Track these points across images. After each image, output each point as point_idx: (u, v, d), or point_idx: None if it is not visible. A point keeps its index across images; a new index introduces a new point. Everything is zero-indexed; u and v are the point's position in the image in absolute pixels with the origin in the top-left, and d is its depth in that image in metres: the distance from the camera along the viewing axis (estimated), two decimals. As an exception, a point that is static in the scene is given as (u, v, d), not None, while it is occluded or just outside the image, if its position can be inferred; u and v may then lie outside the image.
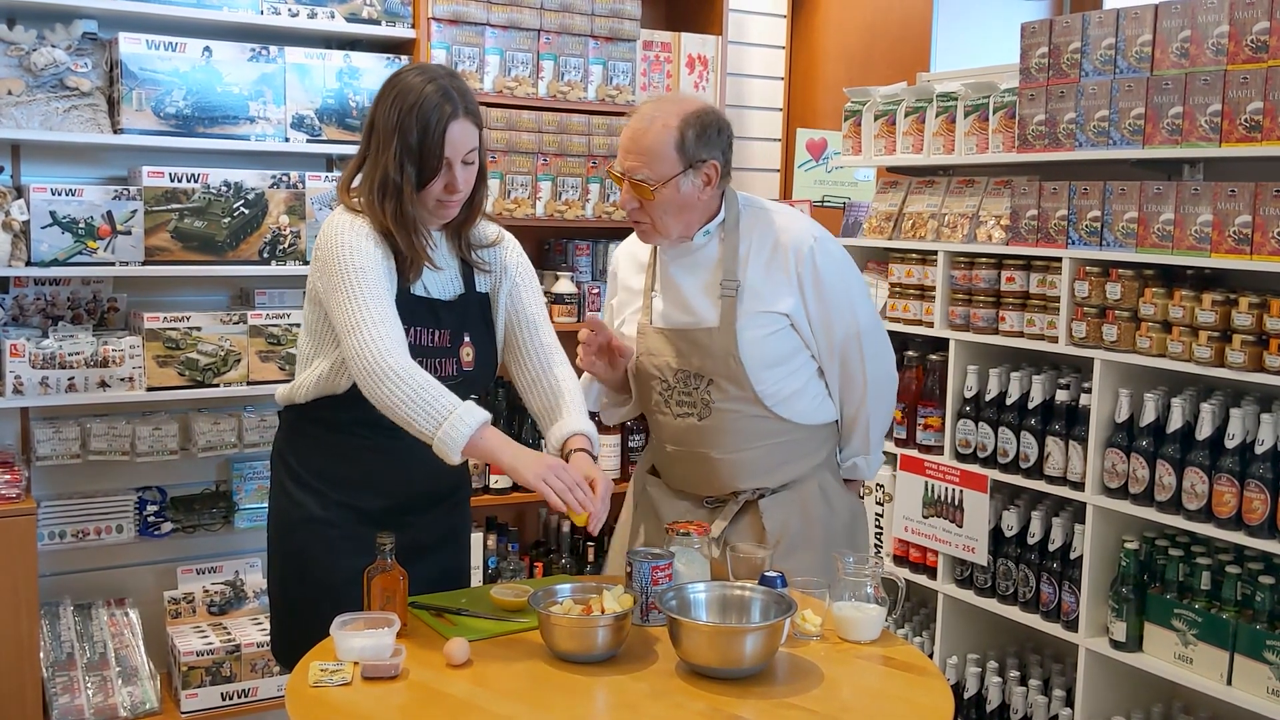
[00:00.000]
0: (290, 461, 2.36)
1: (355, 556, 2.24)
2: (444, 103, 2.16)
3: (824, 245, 2.42)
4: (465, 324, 2.33)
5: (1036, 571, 3.04)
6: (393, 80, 2.22)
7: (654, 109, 2.33)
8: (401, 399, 2.06)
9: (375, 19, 3.57)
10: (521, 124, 3.79)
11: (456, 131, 2.17)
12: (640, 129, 2.31)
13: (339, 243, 2.17)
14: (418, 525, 2.34)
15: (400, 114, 2.16)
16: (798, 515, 2.45)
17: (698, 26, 4.26)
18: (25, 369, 3.17)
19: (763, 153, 4.76)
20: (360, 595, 2.19)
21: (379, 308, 2.11)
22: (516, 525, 4.11)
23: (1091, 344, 2.88)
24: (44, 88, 3.18)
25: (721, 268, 2.41)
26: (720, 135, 2.36)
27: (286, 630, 2.39)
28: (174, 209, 3.31)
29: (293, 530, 2.35)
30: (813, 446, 2.49)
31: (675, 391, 2.46)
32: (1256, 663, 2.56)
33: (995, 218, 3.18)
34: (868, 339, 2.46)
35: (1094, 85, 2.90)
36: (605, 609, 2.06)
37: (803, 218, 2.49)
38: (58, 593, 3.45)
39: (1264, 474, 2.53)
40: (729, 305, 2.39)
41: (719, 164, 2.36)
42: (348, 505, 2.31)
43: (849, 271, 2.47)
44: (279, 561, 2.40)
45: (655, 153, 2.29)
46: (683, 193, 2.33)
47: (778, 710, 1.88)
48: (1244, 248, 2.58)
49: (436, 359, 2.27)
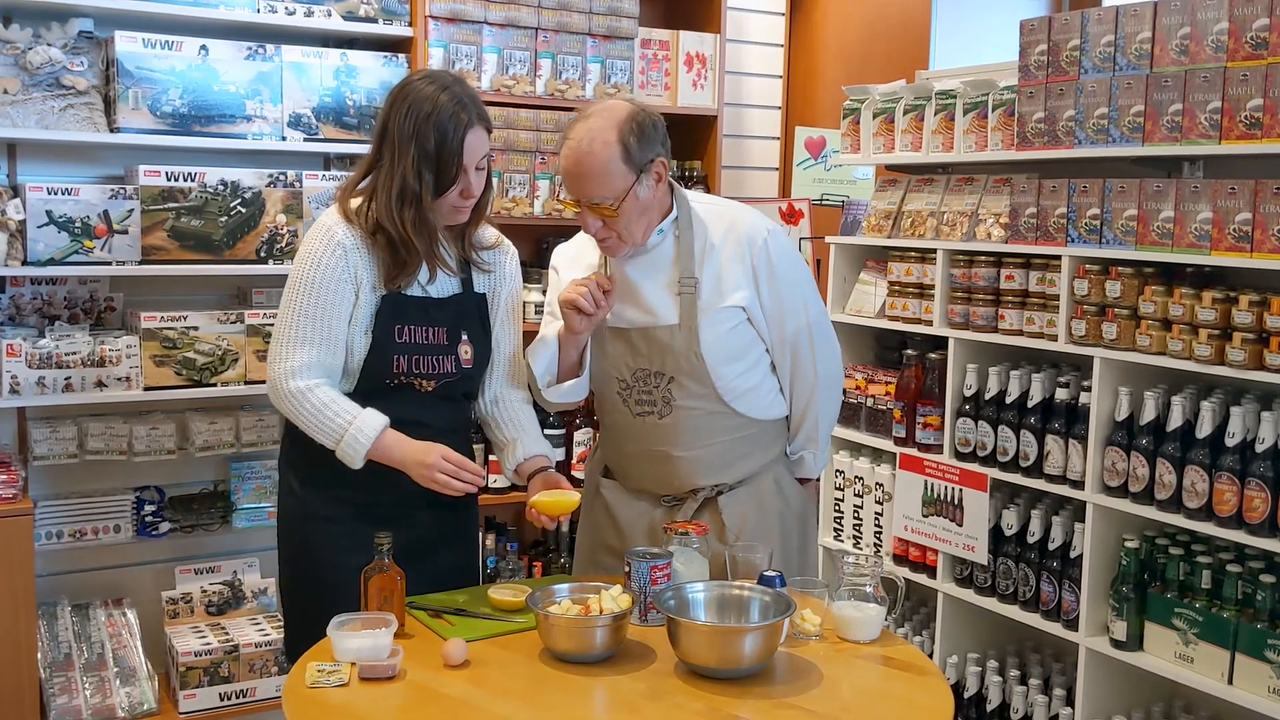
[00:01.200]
0: (295, 460, 2.39)
1: (362, 553, 2.25)
2: (460, 111, 2.22)
3: (777, 237, 2.46)
4: (462, 322, 2.36)
5: (1036, 570, 3.03)
6: (404, 89, 2.27)
7: (586, 128, 2.28)
8: (301, 418, 2.23)
9: (372, 17, 3.57)
10: (519, 122, 3.79)
11: (473, 139, 2.25)
12: (581, 153, 2.27)
13: (305, 251, 2.28)
14: (424, 521, 2.35)
15: (417, 122, 2.21)
16: (755, 509, 2.49)
17: (696, 24, 4.26)
18: (22, 369, 3.16)
19: (761, 151, 4.75)
20: (353, 591, 2.20)
21: (305, 327, 2.24)
22: (515, 525, 4.11)
23: (1091, 342, 2.88)
24: (40, 86, 3.17)
25: (678, 265, 2.41)
26: (657, 130, 2.35)
27: (299, 631, 2.38)
28: (171, 208, 3.30)
29: (299, 528, 2.37)
30: (769, 440, 2.52)
31: (634, 390, 2.47)
32: (1257, 662, 2.56)
33: (994, 216, 3.17)
34: (818, 332, 2.50)
35: (1093, 83, 2.89)
36: (603, 609, 2.06)
37: (754, 211, 2.51)
38: (55, 593, 3.45)
39: (1264, 472, 2.53)
40: (688, 302, 2.39)
41: (665, 158, 2.36)
42: (353, 502, 2.33)
43: (800, 265, 2.52)
44: (288, 561, 2.42)
45: (605, 172, 2.27)
46: (642, 199, 2.33)
47: (777, 710, 1.87)
48: (1244, 245, 2.57)
49: (434, 356, 2.29)
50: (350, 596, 2.22)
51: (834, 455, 3.64)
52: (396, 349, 2.28)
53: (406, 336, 2.27)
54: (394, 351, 2.27)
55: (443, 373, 2.31)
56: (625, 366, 2.46)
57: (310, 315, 2.24)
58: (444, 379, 2.31)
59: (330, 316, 2.25)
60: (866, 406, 3.52)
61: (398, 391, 2.30)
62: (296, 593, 2.42)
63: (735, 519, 2.46)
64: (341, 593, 2.26)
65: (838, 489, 3.63)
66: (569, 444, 3.94)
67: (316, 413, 2.22)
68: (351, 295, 2.26)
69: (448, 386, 2.35)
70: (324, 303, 2.24)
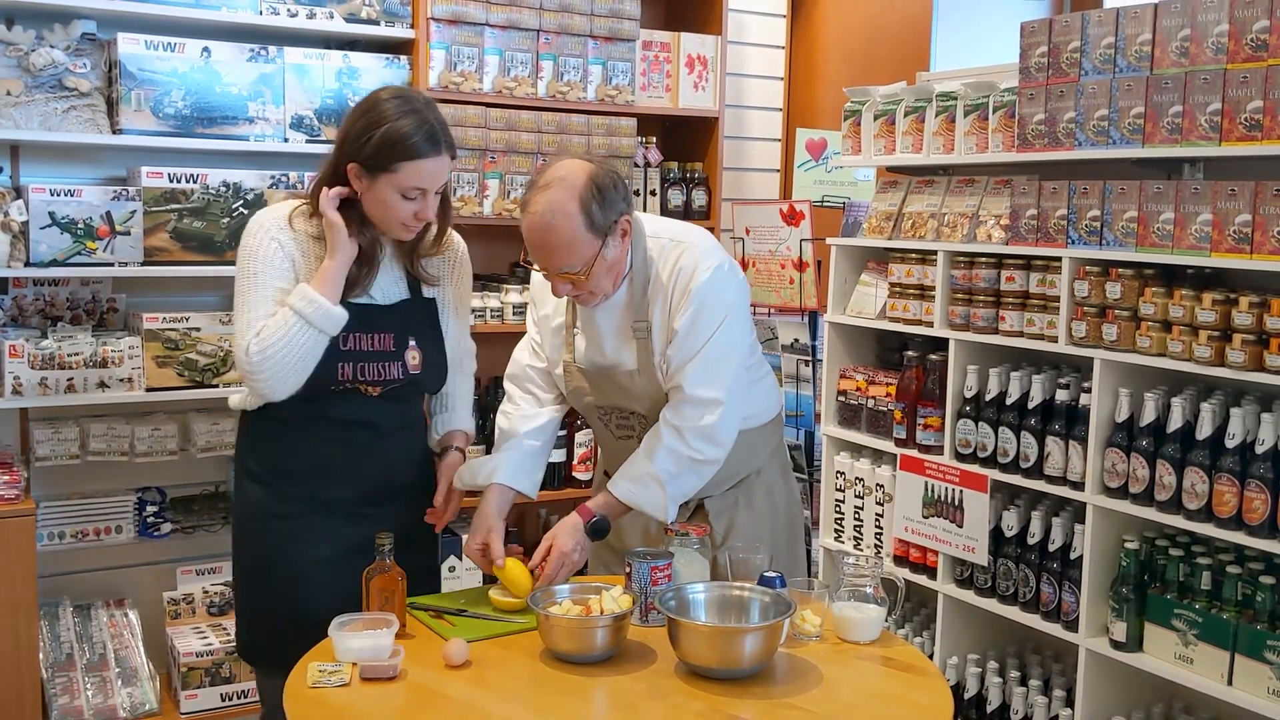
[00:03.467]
0: (246, 459, 2.39)
1: (313, 546, 2.28)
2: (416, 134, 2.20)
3: (712, 274, 2.32)
4: (409, 328, 2.35)
5: (1036, 571, 3.04)
6: (371, 108, 2.24)
7: (546, 200, 2.20)
8: (278, 364, 2.19)
9: (374, 19, 3.57)
10: (521, 124, 3.79)
11: (433, 166, 2.23)
12: (543, 227, 2.20)
13: (241, 249, 2.28)
14: (377, 518, 2.34)
15: (378, 145, 2.19)
16: (744, 511, 2.50)
17: (697, 26, 4.26)
18: (24, 370, 3.16)
19: (762, 153, 4.76)
20: (321, 586, 2.23)
21: (260, 307, 2.22)
22: (517, 526, 4.11)
23: (1091, 343, 2.88)
24: (43, 88, 3.18)
25: (631, 309, 2.38)
26: (618, 188, 2.27)
27: (253, 628, 2.40)
28: (173, 209, 3.31)
29: (251, 526, 2.37)
30: (756, 444, 2.52)
31: (612, 417, 2.50)
32: (1257, 663, 2.56)
33: (995, 217, 3.17)
34: (692, 373, 2.32)
35: (1094, 84, 2.89)
36: (604, 609, 2.06)
37: (702, 245, 2.38)
38: (57, 593, 3.45)
39: (1264, 474, 2.53)
40: (644, 347, 2.38)
41: (628, 214, 2.29)
42: (303, 498, 2.33)
43: (715, 306, 2.33)
44: (242, 559, 2.42)
45: (570, 244, 2.21)
46: (610, 258, 2.28)
47: (777, 710, 1.88)
48: (1244, 247, 2.58)
49: (379, 363, 2.29)
50: (313, 595, 2.24)
51: (834, 456, 3.64)
52: (341, 356, 2.26)
53: (351, 344, 2.26)
54: (339, 359, 2.25)
55: (388, 379, 2.31)
56: (593, 406, 2.49)
57: (260, 300, 2.23)
58: (389, 384, 2.31)
59: (278, 295, 2.24)
60: (867, 408, 3.52)
61: (343, 395, 2.29)
62: (255, 593, 2.40)
63: (723, 522, 2.47)
64: (302, 593, 2.27)
65: (838, 490, 3.63)
66: (570, 445, 3.95)
67: (275, 344, 2.17)
68: (292, 279, 2.25)
69: (394, 391, 2.35)
70: (270, 287, 2.23)
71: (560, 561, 2.28)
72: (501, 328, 3.81)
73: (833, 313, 3.62)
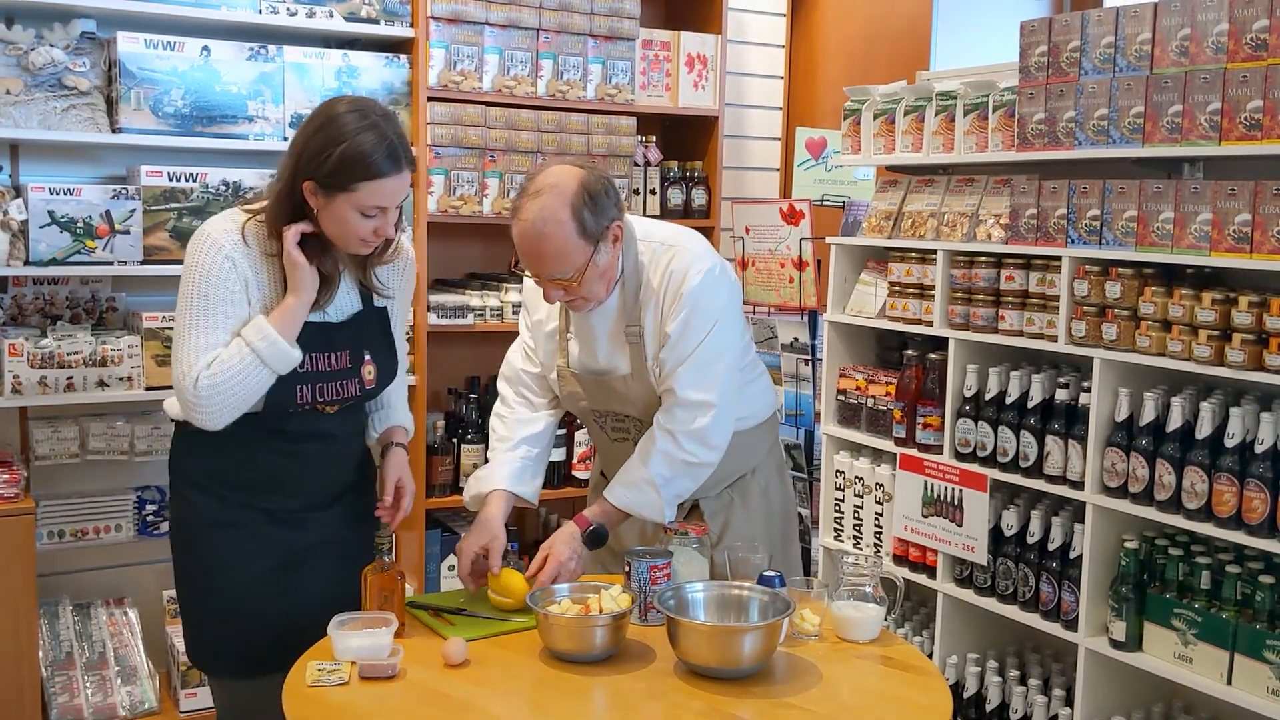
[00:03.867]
0: (186, 466, 2.31)
1: (257, 554, 2.25)
2: (376, 153, 2.10)
3: (702, 277, 2.32)
4: (363, 342, 2.29)
5: (1036, 571, 3.04)
6: (330, 120, 2.13)
7: (538, 208, 2.19)
8: (229, 387, 2.09)
9: (374, 18, 3.57)
10: (521, 123, 3.79)
11: (392, 185, 2.14)
12: (534, 235, 2.19)
13: (190, 263, 2.15)
14: (321, 523, 2.31)
15: (337, 161, 2.09)
16: (740, 510, 2.51)
17: (697, 25, 4.26)
18: (24, 368, 3.16)
19: (762, 152, 4.76)
20: (267, 593, 2.21)
21: (206, 335, 2.11)
22: (516, 525, 4.11)
23: (1091, 343, 2.88)
24: (42, 87, 3.18)
25: (624, 314, 2.37)
26: (609, 194, 2.26)
27: (202, 635, 2.34)
28: (172, 208, 3.31)
29: (194, 534, 2.29)
30: (751, 444, 2.53)
31: (608, 420, 2.50)
32: (1256, 662, 2.56)
33: (994, 216, 3.17)
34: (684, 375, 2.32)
35: (1093, 84, 2.89)
36: (603, 609, 2.06)
37: (694, 249, 2.38)
38: (56, 592, 3.45)
39: (1264, 473, 2.53)
40: (637, 352, 2.38)
41: (619, 219, 2.29)
42: (246, 505, 2.26)
43: (707, 311, 2.33)
44: (186, 567, 2.34)
45: (562, 251, 2.20)
46: (602, 264, 2.27)
47: (776, 710, 1.88)
48: (1244, 246, 2.58)
49: (337, 382, 2.24)
50: (248, 597, 2.21)
51: (834, 455, 3.64)
52: (299, 379, 2.18)
53: (309, 365, 2.18)
54: (296, 382, 2.18)
55: (345, 397, 2.25)
56: (589, 409, 2.49)
57: (209, 326, 2.11)
58: (345, 402, 2.27)
59: (229, 323, 2.14)
60: (867, 407, 3.52)
61: (300, 415, 2.23)
62: (195, 598, 2.33)
63: (718, 521, 2.48)
64: (238, 594, 2.24)
65: (838, 489, 3.63)
66: (569, 444, 3.95)
67: (224, 382, 2.08)
68: (244, 299, 2.15)
69: (351, 409, 2.32)
70: (221, 312, 2.12)
71: (556, 569, 2.27)
72: (501, 327, 3.81)
73: (832, 312, 3.62)
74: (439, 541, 3.83)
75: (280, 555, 2.26)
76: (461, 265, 4.12)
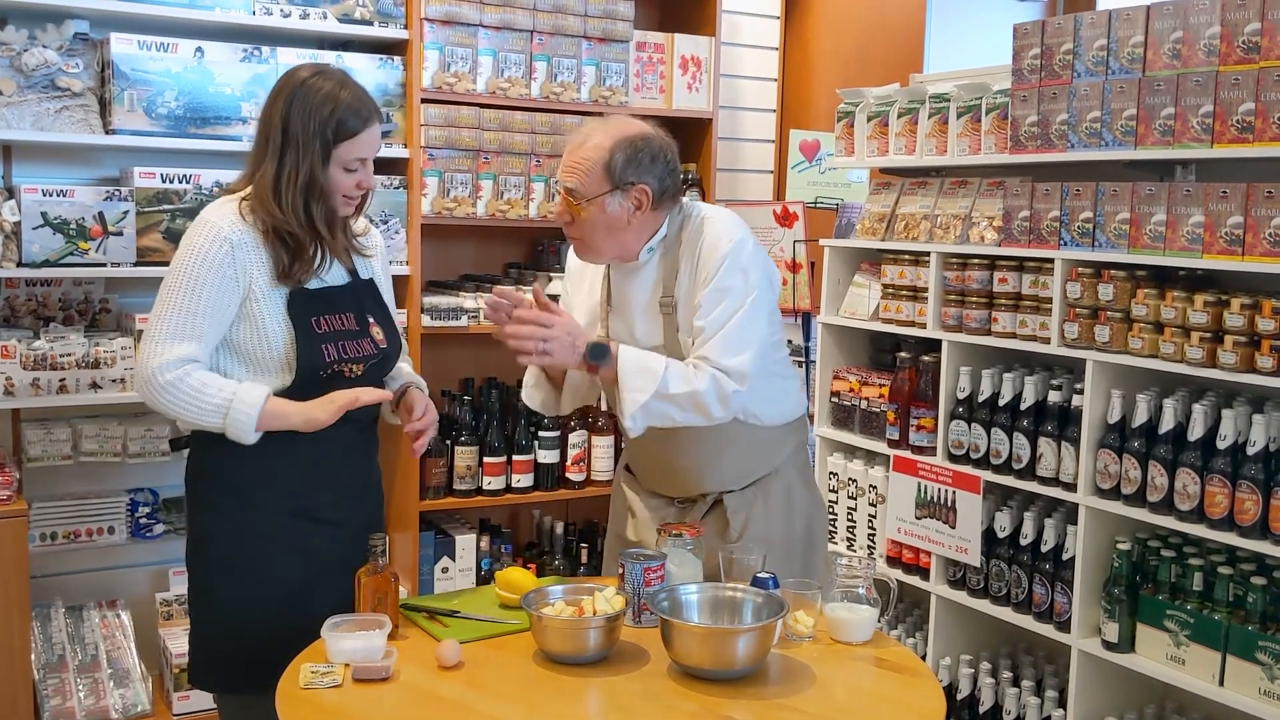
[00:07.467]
0: (220, 472, 2.27)
1: (290, 567, 2.25)
2: (361, 108, 2.24)
3: (734, 245, 2.33)
4: (364, 306, 2.36)
5: (1029, 572, 3.04)
6: (301, 86, 2.23)
7: (594, 127, 2.36)
8: (180, 404, 2.14)
9: (368, 20, 3.57)
10: (515, 125, 3.79)
11: (373, 134, 2.27)
12: (577, 143, 2.34)
13: (188, 245, 2.19)
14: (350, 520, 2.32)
15: (321, 120, 2.20)
16: (761, 509, 2.49)
17: (691, 28, 4.26)
18: (16, 370, 3.16)
19: (756, 154, 4.76)
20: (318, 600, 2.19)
21: (185, 323, 2.15)
22: (510, 527, 4.11)
23: (1084, 345, 2.89)
24: (35, 88, 3.17)
25: (660, 284, 2.41)
26: (654, 162, 2.33)
27: (218, 650, 2.30)
28: (166, 210, 3.30)
29: (224, 544, 2.27)
30: (777, 443, 2.52)
31: None
32: (1248, 663, 2.57)
33: (988, 219, 3.18)
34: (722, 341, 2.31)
35: (1086, 86, 2.90)
36: (597, 610, 2.06)
37: (729, 222, 2.40)
38: (49, 594, 3.44)
39: (1256, 475, 2.54)
40: (670, 324, 2.39)
41: (650, 190, 2.32)
42: (286, 511, 2.26)
43: (738, 277, 2.32)
44: (218, 580, 2.28)
45: (585, 169, 2.31)
46: (609, 213, 2.31)
47: (770, 712, 1.88)
48: (1236, 249, 2.58)
49: (353, 340, 2.30)
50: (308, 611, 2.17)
51: (828, 457, 3.65)
52: (322, 339, 2.24)
53: (326, 326, 2.25)
54: (320, 342, 2.24)
55: (366, 355, 2.31)
56: None
57: (191, 312, 2.15)
58: (368, 361, 2.31)
59: (212, 315, 2.16)
60: (860, 409, 3.53)
61: (330, 382, 2.25)
62: (229, 611, 2.28)
63: (739, 519, 2.47)
64: (295, 610, 2.21)
65: (831, 491, 3.63)
66: (564, 447, 3.94)
67: (196, 394, 2.13)
68: (237, 296, 2.19)
69: (372, 369, 2.34)
70: (206, 301, 2.16)
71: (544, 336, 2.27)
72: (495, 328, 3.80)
73: (826, 314, 3.63)
74: (433, 544, 3.83)
75: (311, 565, 2.26)
76: (455, 267, 4.12)
